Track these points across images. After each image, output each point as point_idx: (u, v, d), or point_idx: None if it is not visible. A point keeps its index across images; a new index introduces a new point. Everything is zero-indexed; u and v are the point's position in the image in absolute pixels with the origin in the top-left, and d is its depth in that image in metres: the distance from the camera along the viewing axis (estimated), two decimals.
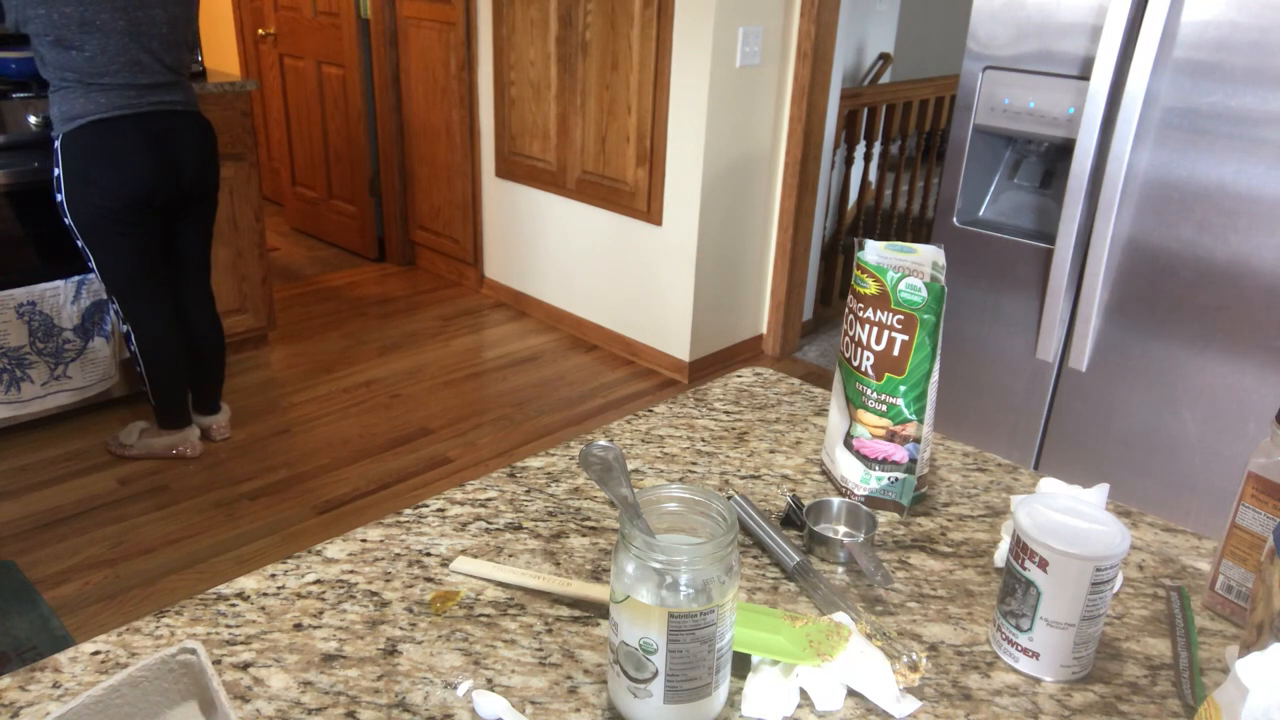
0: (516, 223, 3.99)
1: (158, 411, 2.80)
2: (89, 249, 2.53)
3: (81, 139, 2.41)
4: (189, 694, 0.67)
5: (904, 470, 0.97)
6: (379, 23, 4.16)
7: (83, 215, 2.47)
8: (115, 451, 2.83)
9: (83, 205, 2.46)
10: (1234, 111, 1.65)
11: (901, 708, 0.72)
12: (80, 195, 2.45)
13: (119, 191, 2.46)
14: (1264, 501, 0.80)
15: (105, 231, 2.50)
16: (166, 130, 2.52)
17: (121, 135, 2.44)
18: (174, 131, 2.54)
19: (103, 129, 2.41)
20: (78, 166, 2.43)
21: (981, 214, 2.08)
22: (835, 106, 3.56)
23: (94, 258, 2.55)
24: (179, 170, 2.57)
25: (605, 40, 3.34)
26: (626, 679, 0.68)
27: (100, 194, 2.45)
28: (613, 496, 0.67)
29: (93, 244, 2.52)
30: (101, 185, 2.45)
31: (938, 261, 0.95)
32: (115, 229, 2.51)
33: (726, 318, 3.58)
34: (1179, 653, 0.79)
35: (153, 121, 2.49)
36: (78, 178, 2.44)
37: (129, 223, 2.52)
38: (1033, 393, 2.02)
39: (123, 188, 2.47)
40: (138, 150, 2.46)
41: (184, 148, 2.57)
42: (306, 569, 0.86)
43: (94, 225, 2.49)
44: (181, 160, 2.57)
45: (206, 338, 2.84)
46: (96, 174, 2.44)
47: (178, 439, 2.82)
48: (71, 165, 2.43)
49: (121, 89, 2.43)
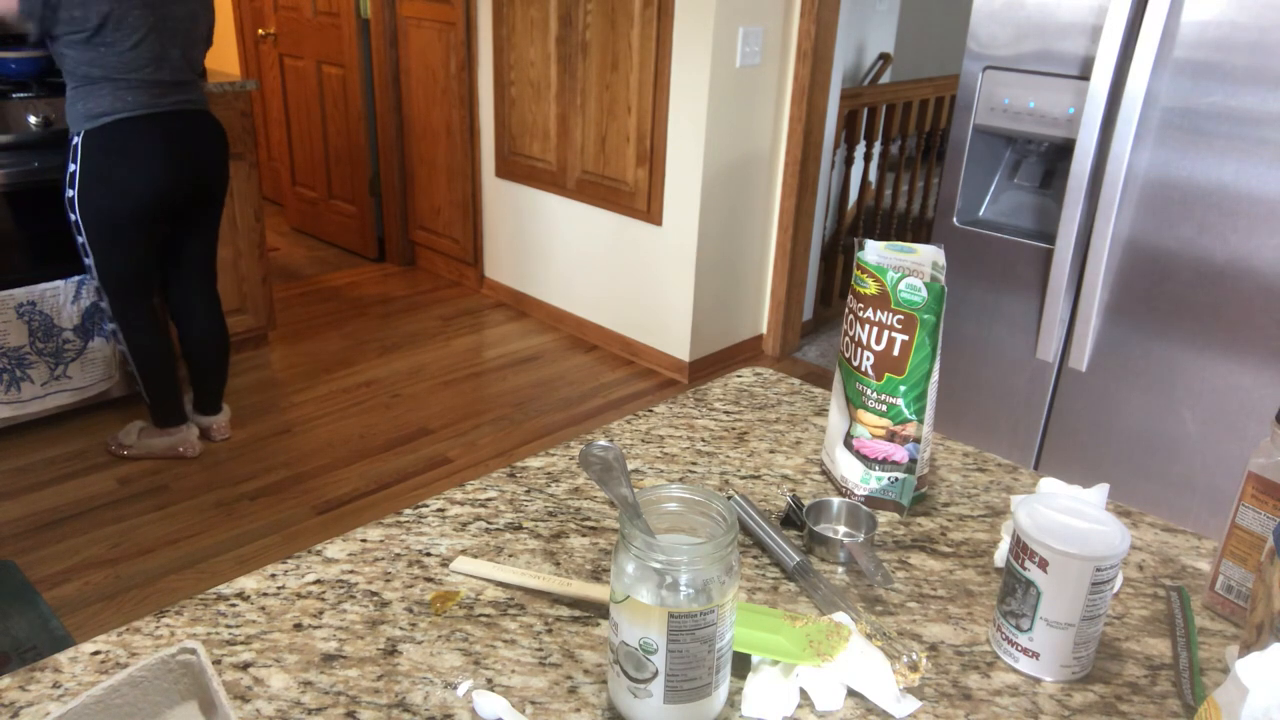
0: (516, 223, 3.99)
1: (152, 410, 2.80)
2: (90, 246, 2.52)
3: (104, 137, 2.40)
4: (189, 694, 0.67)
5: (904, 470, 0.97)
6: (379, 23, 4.16)
7: (92, 213, 2.46)
8: (114, 452, 2.83)
9: (95, 204, 2.45)
10: (1234, 111, 1.65)
11: (901, 708, 0.72)
12: (95, 194, 2.44)
13: (136, 193, 2.46)
14: (1264, 501, 0.80)
15: (112, 232, 2.50)
16: (185, 131, 2.52)
17: (144, 136, 2.44)
18: (191, 133, 2.54)
19: (126, 128, 2.41)
20: (97, 165, 2.42)
21: (981, 214, 2.08)
22: (835, 106, 3.56)
23: (94, 255, 2.54)
24: (195, 173, 2.57)
25: (605, 40, 3.34)
26: (626, 679, 0.68)
27: (116, 194, 2.45)
28: (613, 496, 0.67)
29: (96, 242, 2.51)
30: (119, 186, 2.44)
31: (938, 261, 0.95)
32: (123, 230, 2.50)
33: (726, 318, 3.58)
34: (1179, 653, 0.79)
35: (172, 122, 2.49)
36: (94, 176, 2.43)
37: (137, 225, 2.51)
38: (1033, 393, 2.02)
39: (140, 189, 2.46)
40: (157, 152, 2.46)
41: (201, 150, 2.57)
42: (306, 569, 0.86)
43: (102, 224, 2.48)
44: (198, 163, 2.57)
45: (213, 340, 2.84)
46: (115, 174, 2.43)
47: (177, 439, 2.82)
48: (90, 163, 2.42)
49: (149, 86, 2.42)
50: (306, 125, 4.67)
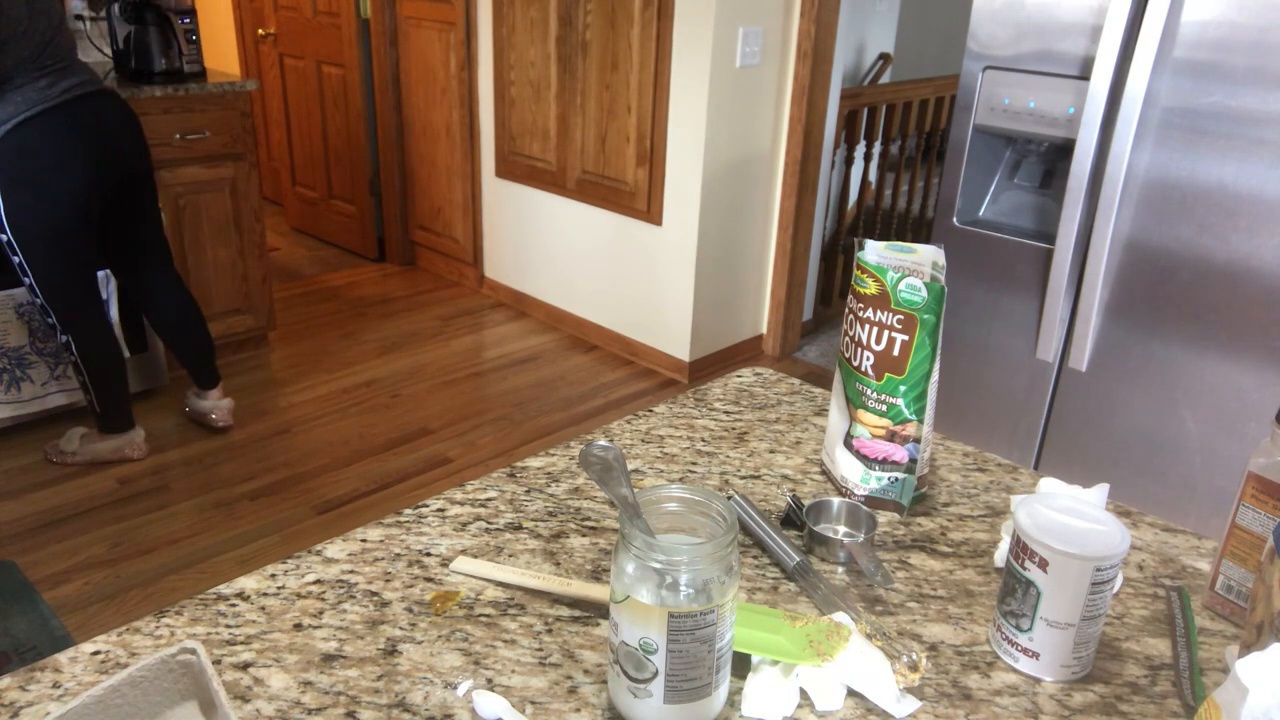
0: (516, 223, 3.99)
1: (102, 418, 2.68)
2: (29, 262, 2.35)
3: (13, 144, 2.24)
4: (189, 694, 0.67)
5: (904, 470, 0.97)
6: (379, 23, 4.16)
7: (25, 226, 2.31)
8: (56, 460, 2.73)
9: (26, 215, 2.30)
10: (1234, 111, 1.65)
11: (901, 708, 0.72)
12: (22, 205, 2.29)
13: (65, 192, 2.31)
14: (1264, 501, 0.80)
15: (49, 240, 2.35)
16: (90, 115, 2.35)
17: (52, 132, 2.27)
18: (98, 115, 2.37)
19: (31, 129, 2.25)
20: (16, 173, 2.26)
21: (981, 214, 2.08)
22: (835, 106, 3.56)
23: (33, 269, 2.37)
24: (115, 156, 2.42)
25: (605, 40, 3.34)
26: (626, 679, 0.68)
27: (48, 199, 2.30)
28: (613, 496, 0.67)
29: (35, 255, 2.35)
30: (47, 189, 2.29)
31: (938, 261, 0.95)
32: (61, 236, 2.36)
33: (726, 318, 3.58)
34: (1179, 653, 0.79)
35: (76, 109, 2.32)
36: (18, 186, 2.27)
37: (74, 226, 2.37)
38: (1033, 393, 2.02)
39: (68, 187, 2.32)
40: (72, 145, 2.30)
41: (113, 130, 2.42)
42: (306, 569, 0.86)
43: (37, 235, 2.33)
44: (115, 144, 2.42)
45: (186, 314, 2.76)
46: (39, 178, 2.28)
47: (123, 441, 2.74)
48: (9, 173, 2.26)
49: (35, 82, 2.26)
50: (306, 125, 4.67)
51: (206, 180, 3.15)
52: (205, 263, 3.23)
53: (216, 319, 3.28)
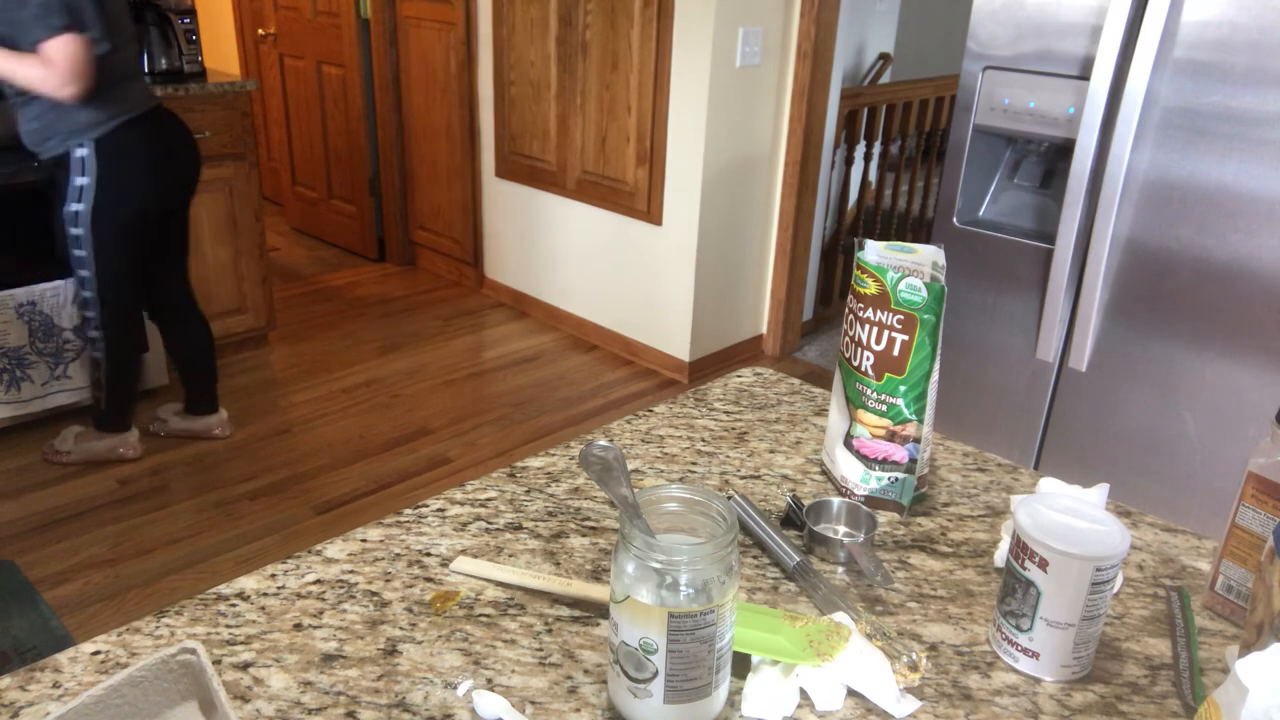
0: (516, 223, 3.99)
1: (107, 416, 2.71)
2: (97, 258, 2.44)
3: (116, 141, 2.33)
4: (189, 694, 0.67)
5: (904, 470, 0.97)
6: (379, 23, 4.16)
7: (105, 222, 2.39)
8: (51, 459, 2.75)
9: (110, 212, 2.38)
10: (1234, 111, 1.65)
11: (901, 708, 0.72)
12: (109, 201, 2.37)
13: (149, 194, 2.42)
14: (1264, 501, 0.80)
15: (123, 239, 2.44)
16: (171, 126, 2.50)
17: (146, 137, 2.40)
18: (176, 126, 2.52)
19: (131, 130, 2.35)
20: (112, 171, 2.35)
21: (981, 214, 2.08)
22: (835, 106, 3.56)
23: (99, 266, 2.45)
24: (187, 165, 2.55)
25: (605, 40, 3.34)
26: (626, 679, 0.68)
27: (133, 200, 2.40)
28: (613, 496, 0.67)
29: (105, 253, 2.43)
30: (133, 191, 2.40)
31: (938, 261, 0.95)
32: (134, 237, 2.46)
33: (726, 318, 3.58)
34: (1179, 653, 0.79)
35: (161, 117, 2.46)
36: (110, 183, 2.35)
37: (146, 230, 2.47)
38: (1033, 393, 2.02)
39: (151, 190, 2.43)
40: (160, 152, 2.43)
41: (186, 143, 2.55)
42: (306, 569, 0.86)
43: (114, 233, 2.42)
44: (188, 155, 2.54)
45: (205, 336, 2.82)
46: (128, 178, 2.38)
47: (118, 440, 2.75)
48: (106, 170, 2.34)
49: (131, 86, 2.38)
50: (306, 125, 4.67)
51: (206, 180, 3.14)
52: (205, 263, 3.23)
53: (216, 319, 3.28)
